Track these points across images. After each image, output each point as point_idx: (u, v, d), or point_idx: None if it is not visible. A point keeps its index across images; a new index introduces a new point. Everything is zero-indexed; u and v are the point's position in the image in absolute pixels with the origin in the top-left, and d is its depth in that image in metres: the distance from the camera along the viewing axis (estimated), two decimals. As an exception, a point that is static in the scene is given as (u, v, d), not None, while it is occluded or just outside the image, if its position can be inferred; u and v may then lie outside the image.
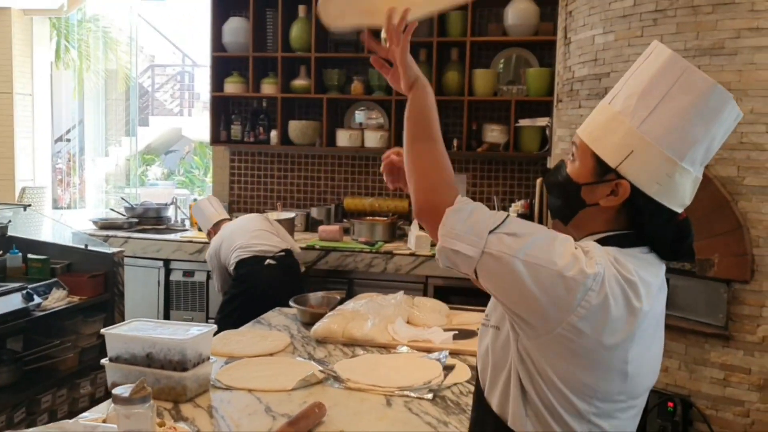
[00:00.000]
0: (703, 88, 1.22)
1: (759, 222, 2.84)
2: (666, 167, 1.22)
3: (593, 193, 1.28)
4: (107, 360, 1.87)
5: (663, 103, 1.22)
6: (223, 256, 3.76)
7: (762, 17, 2.80)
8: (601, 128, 1.27)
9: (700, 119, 1.22)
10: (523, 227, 1.20)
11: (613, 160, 1.24)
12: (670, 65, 1.24)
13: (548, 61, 4.71)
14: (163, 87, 12.01)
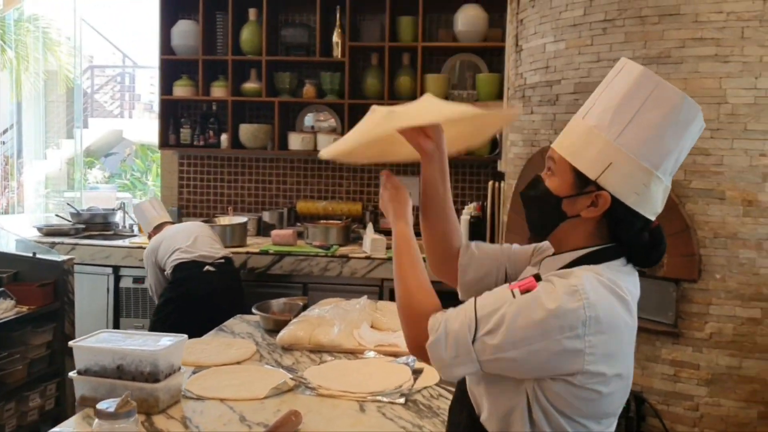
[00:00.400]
0: (675, 101, 1.28)
1: (705, 223, 2.97)
2: (643, 177, 1.27)
3: (574, 205, 1.31)
4: (75, 373, 1.83)
5: (637, 116, 1.27)
6: (160, 256, 3.75)
7: (705, 28, 2.92)
8: (578, 142, 1.31)
9: (672, 131, 1.28)
10: (493, 311, 1.23)
11: (593, 173, 1.28)
12: (642, 80, 1.29)
13: (497, 66, 4.81)
14: (103, 88, 11.72)
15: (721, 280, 2.95)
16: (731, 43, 2.87)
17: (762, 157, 2.87)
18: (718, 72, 2.90)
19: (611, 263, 1.30)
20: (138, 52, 11.67)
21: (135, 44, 11.38)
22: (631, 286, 1.29)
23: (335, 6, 4.80)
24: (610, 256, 1.31)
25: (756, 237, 2.90)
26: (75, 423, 1.75)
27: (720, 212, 2.94)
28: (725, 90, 2.89)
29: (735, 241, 2.93)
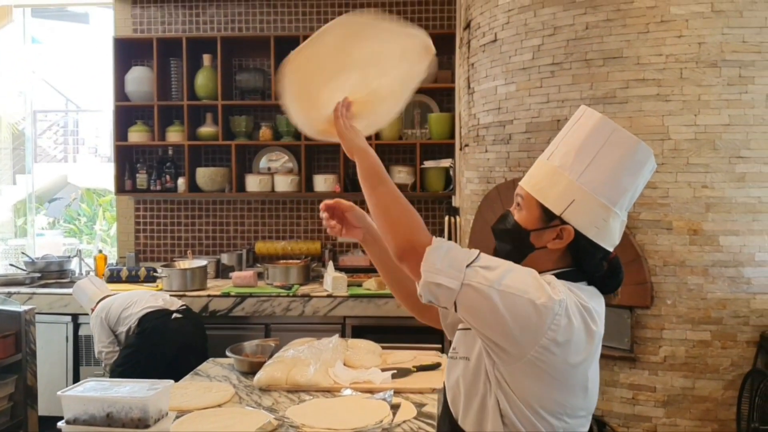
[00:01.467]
0: (631, 144, 1.44)
1: (655, 253, 3.14)
2: (602, 213, 1.43)
3: (541, 237, 1.46)
4: (64, 423, 1.84)
5: (597, 158, 1.43)
6: (112, 315, 3.64)
7: (647, 70, 3.14)
8: (544, 181, 1.47)
9: (628, 171, 1.44)
10: (495, 261, 1.38)
11: (558, 209, 1.44)
12: (600, 126, 1.46)
13: (447, 106, 4.99)
14: (46, 133, 11.52)
15: (672, 305, 3.12)
16: (671, 83, 3.09)
17: (704, 188, 3.07)
18: (661, 110, 3.11)
19: (575, 284, 1.44)
20: (80, 95, 11.55)
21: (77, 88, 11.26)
22: (596, 304, 1.44)
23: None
24: (573, 278, 1.45)
25: (702, 264, 3.09)
26: (65, 473, 1.76)
27: (668, 242, 3.13)
28: (667, 127, 3.10)
29: (683, 269, 3.11)
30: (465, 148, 4.10)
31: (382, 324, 4.25)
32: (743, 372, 3.07)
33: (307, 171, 4.99)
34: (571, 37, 3.30)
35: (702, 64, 3.07)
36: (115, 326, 3.65)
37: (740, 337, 3.08)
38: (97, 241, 8.84)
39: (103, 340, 3.67)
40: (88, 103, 11.19)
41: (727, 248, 3.07)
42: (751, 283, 3.07)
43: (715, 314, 3.08)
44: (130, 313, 3.63)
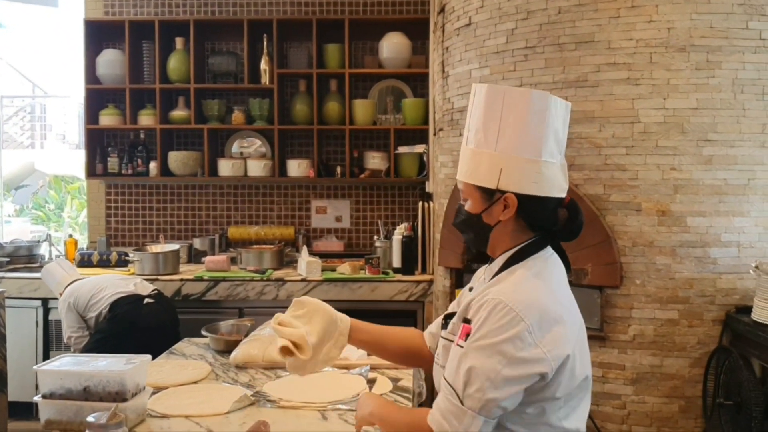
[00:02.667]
0: (523, 98, 1.50)
1: (624, 233, 3.21)
2: (533, 167, 1.48)
3: (491, 215, 1.53)
4: (40, 397, 1.83)
5: (501, 124, 1.49)
6: (82, 300, 3.59)
7: (617, 54, 3.19)
8: (470, 165, 1.54)
9: (534, 120, 1.49)
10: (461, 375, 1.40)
11: (491, 183, 1.50)
12: (491, 95, 1.52)
13: (421, 91, 5.01)
14: (12, 119, 11.31)
15: (641, 285, 3.19)
16: (641, 67, 3.15)
17: (672, 171, 3.14)
18: (631, 94, 3.16)
19: (538, 255, 1.51)
20: (48, 80, 11.37)
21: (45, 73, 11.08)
22: (557, 272, 1.52)
23: (262, 34, 4.90)
24: (536, 248, 1.53)
25: (670, 244, 3.16)
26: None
27: (637, 223, 3.19)
28: (637, 110, 3.16)
29: (652, 249, 3.18)
30: (439, 133, 4.13)
31: (356, 308, 4.25)
32: (709, 350, 3.15)
33: (281, 156, 4.99)
34: (544, 21, 3.34)
35: (671, 49, 3.13)
36: (84, 311, 3.60)
37: (706, 315, 3.16)
38: (66, 228, 8.73)
39: (72, 325, 3.62)
40: (56, 89, 11.03)
41: (695, 229, 3.15)
42: (717, 263, 3.15)
43: (683, 294, 3.15)
44: (101, 298, 3.58)
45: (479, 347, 1.38)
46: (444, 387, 1.43)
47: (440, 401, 1.42)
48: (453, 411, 1.39)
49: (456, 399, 1.39)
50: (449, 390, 1.40)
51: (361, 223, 5.15)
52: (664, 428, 3.19)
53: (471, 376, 1.37)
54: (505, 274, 1.51)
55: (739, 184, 3.15)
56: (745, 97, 3.13)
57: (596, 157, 3.25)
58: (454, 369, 1.41)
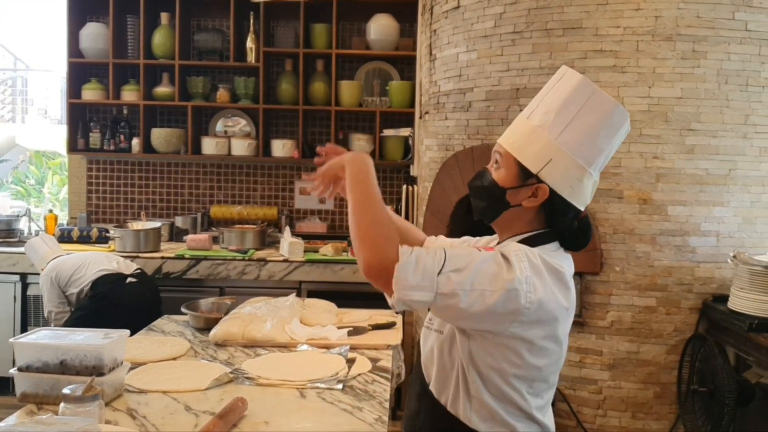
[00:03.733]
0: (609, 107, 1.47)
1: (605, 220, 3.23)
2: (577, 173, 1.45)
3: (516, 195, 1.48)
4: (16, 370, 1.82)
5: (576, 119, 1.45)
6: (64, 276, 3.57)
7: (604, 41, 3.19)
8: (523, 139, 1.48)
9: (605, 133, 1.47)
10: (461, 260, 1.36)
11: (535, 167, 1.45)
12: (581, 87, 1.47)
13: (408, 74, 4.99)
14: (-8, 92, 11.15)
15: (621, 272, 3.21)
16: (627, 55, 3.15)
17: (655, 159, 3.16)
18: (617, 81, 3.17)
19: (545, 246, 1.47)
20: (30, 54, 11.20)
21: (26, 46, 10.91)
22: (565, 263, 1.47)
23: (249, 12, 4.85)
24: (545, 240, 1.48)
25: (650, 232, 3.18)
26: (18, 419, 1.74)
27: (618, 210, 3.21)
28: (623, 98, 3.16)
29: (632, 237, 3.20)
30: (425, 116, 4.12)
31: (337, 289, 4.27)
32: (685, 337, 3.19)
33: (265, 135, 4.96)
34: (532, 6, 3.33)
35: (658, 38, 3.13)
36: (65, 287, 3.58)
37: (684, 303, 3.19)
38: (46, 204, 8.64)
39: (53, 299, 3.60)
40: (38, 62, 10.87)
41: (675, 218, 3.17)
42: (696, 252, 3.18)
43: (661, 281, 3.18)
44: (83, 275, 3.56)
45: (491, 257, 1.37)
46: (438, 251, 1.37)
47: (425, 253, 1.36)
48: (426, 268, 1.33)
49: (437, 266, 1.33)
50: (441, 257, 1.34)
51: (345, 204, 5.09)
52: (639, 413, 3.23)
53: (465, 269, 1.34)
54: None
55: (720, 174, 3.17)
56: (729, 87, 3.15)
57: (580, 144, 3.25)
58: (459, 253, 1.37)
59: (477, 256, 1.37)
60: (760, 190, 3.20)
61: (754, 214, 3.21)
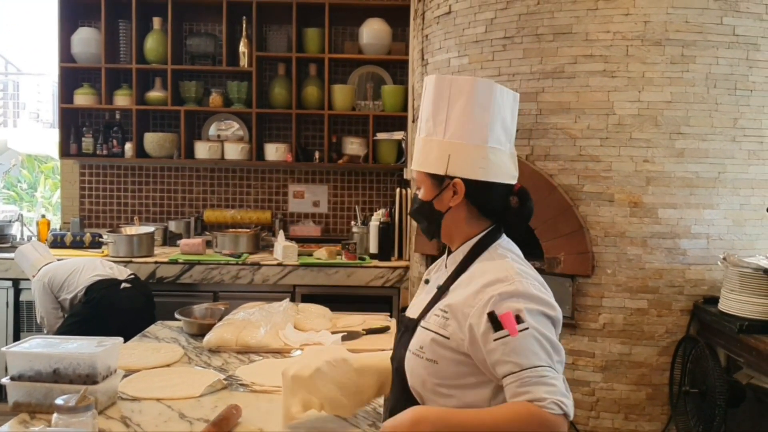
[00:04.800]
0: (469, 86, 1.56)
1: (597, 224, 3.25)
2: (479, 153, 1.55)
3: (441, 201, 1.59)
4: (8, 379, 1.82)
5: (449, 112, 1.56)
6: (57, 282, 3.56)
7: (594, 46, 3.22)
8: (422, 153, 1.61)
9: (479, 108, 1.55)
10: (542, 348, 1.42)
11: (440, 168, 1.56)
12: (438, 85, 1.59)
13: (401, 78, 5.01)
14: (-16, 96, 11.12)
15: (612, 275, 3.24)
16: (617, 60, 3.18)
17: (645, 162, 3.18)
18: (607, 86, 3.19)
19: (499, 242, 1.59)
20: (22, 57, 11.17)
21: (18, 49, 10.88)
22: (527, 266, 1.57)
23: (241, 16, 4.86)
24: (495, 236, 1.60)
25: (641, 235, 3.21)
26: (10, 428, 1.75)
27: (609, 213, 3.24)
28: (613, 102, 3.19)
29: (623, 240, 3.23)
30: (418, 120, 4.13)
31: (331, 293, 4.29)
32: (677, 339, 3.21)
33: (258, 139, 4.97)
34: (523, 12, 3.36)
35: (647, 42, 3.16)
36: (58, 292, 3.57)
37: (675, 305, 3.22)
38: (39, 208, 8.62)
39: (46, 306, 3.59)
40: (30, 66, 10.85)
41: (665, 221, 3.20)
42: (687, 255, 3.21)
43: (653, 284, 3.21)
44: (76, 280, 3.55)
45: (537, 319, 1.42)
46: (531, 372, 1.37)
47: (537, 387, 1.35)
48: (557, 385, 1.37)
49: (552, 372, 1.38)
50: (538, 372, 1.36)
51: (339, 208, 5.16)
52: (631, 415, 3.25)
53: (551, 345, 1.42)
54: (485, 264, 1.54)
55: (709, 177, 3.20)
56: (717, 91, 3.18)
57: (571, 148, 3.28)
58: (532, 349, 1.38)
59: (530, 335, 1.40)
60: (749, 192, 3.23)
61: (743, 217, 3.24)
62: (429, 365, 1.52)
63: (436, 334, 1.52)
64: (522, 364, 1.38)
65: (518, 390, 1.37)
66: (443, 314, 1.53)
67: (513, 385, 1.38)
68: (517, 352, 1.38)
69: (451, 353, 1.50)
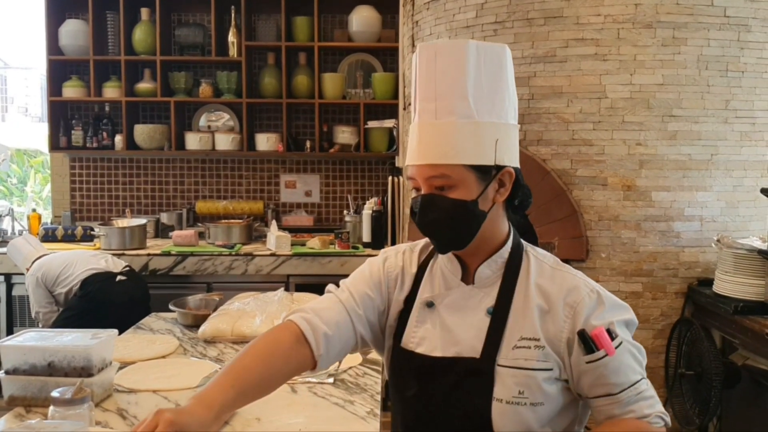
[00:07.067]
0: (501, 53, 1.29)
1: (590, 208, 3.25)
2: (515, 133, 1.33)
3: (486, 199, 1.28)
4: (3, 373, 1.81)
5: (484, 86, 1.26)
6: (51, 275, 3.54)
7: (585, 29, 3.20)
8: (452, 142, 1.24)
9: (511, 77, 1.32)
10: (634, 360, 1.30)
11: (490, 158, 1.26)
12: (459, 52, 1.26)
13: (391, 66, 4.98)
14: (-29, 90, 11.02)
15: (606, 258, 3.24)
16: (609, 43, 3.17)
17: (638, 146, 3.18)
18: (598, 69, 3.19)
19: (525, 243, 1.39)
20: (9, 51, 11.07)
21: (6, 43, 10.78)
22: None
23: (230, 6, 4.82)
24: (518, 238, 1.38)
25: (635, 219, 3.21)
26: (6, 423, 1.74)
27: (603, 197, 3.23)
28: (605, 86, 3.18)
29: (617, 223, 3.23)
30: (409, 107, 4.12)
31: (325, 282, 4.15)
32: (672, 321, 3.22)
33: (249, 130, 4.94)
34: (513, -4, 3.34)
35: (638, 25, 3.15)
36: (53, 287, 3.55)
37: (669, 288, 3.23)
38: (29, 203, 8.56)
39: (40, 300, 3.57)
40: (18, 60, 10.75)
41: (659, 204, 3.20)
42: (681, 237, 3.22)
43: (647, 267, 3.21)
44: (71, 274, 3.53)
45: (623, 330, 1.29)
46: (631, 390, 1.26)
47: (638, 404, 1.26)
48: (654, 395, 1.28)
49: (646, 382, 1.28)
50: (636, 389, 1.26)
51: (331, 197, 5.14)
52: (627, 398, 3.26)
53: (638, 351, 1.30)
54: (540, 272, 1.32)
55: (702, 159, 3.20)
56: (709, 73, 3.18)
57: (564, 132, 3.27)
58: (629, 364, 1.26)
59: (625, 350, 1.27)
60: (742, 174, 3.24)
61: (736, 198, 3.24)
62: (535, 410, 1.27)
63: (540, 371, 1.27)
64: (622, 384, 1.25)
65: (617, 411, 1.26)
66: (535, 343, 1.27)
67: (611, 406, 1.26)
68: (615, 372, 1.24)
69: (557, 385, 1.29)
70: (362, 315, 1.41)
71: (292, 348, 1.33)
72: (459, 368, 1.30)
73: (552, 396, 1.28)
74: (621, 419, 1.26)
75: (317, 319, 1.36)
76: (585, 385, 1.28)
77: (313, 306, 1.41)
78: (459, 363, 1.30)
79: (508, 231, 1.36)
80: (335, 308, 1.40)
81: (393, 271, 1.45)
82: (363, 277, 1.46)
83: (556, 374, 1.28)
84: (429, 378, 1.33)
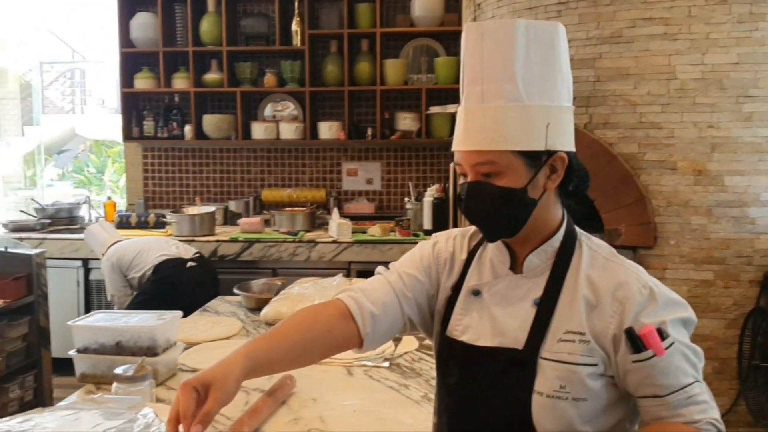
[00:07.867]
0: (552, 31, 1.23)
1: (659, 193, 3.15)
2: (569, 116, 1.25)
3: (536, 186, 1.23)
4: (75, 351, 1.89)
5: (534, 66, 1.21)
6: (126, 260, 3.66)
7: (654, 8, 3.09)
8: (501, 126, 1.20)
9: (565, 58, 1.26)
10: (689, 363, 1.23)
11: (540, 143, 1.20)
12: (517, 31, 1.20)
13: (455, 50, 4.93)
14: (53, 84, 11.50)
15: (675, 245, 3.14)
16: (679, 21, 3.05)
17: (710, 128, 3.06)
18: (667, 50, 3.07)
19: (579, 231, 1.32)
20: (87, 46, 11.48)
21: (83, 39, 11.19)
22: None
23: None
24: (572, 225, 1.32)
25: (706, 204, 3.09)
26: (78, 397, 1.81)
27: (672, 182, 3.13)
28: (674, 66, 3.07)
29: (687, 209, 3.12)
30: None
31: (385, 270, 4.28)
32: (745, 311, 3.10)
33: (312, 118, 4.98)
34: (578, -24, 3.26)
35: (711, 2, 3.02)
36: (127, 271, 3.68)
37: (743, 276, 3.10)
38: (107, 191, 8.91)
39: (116, 284, 3.71)
40: (95, 54, 11.13)
41: (732, 188, 3.07)
42: (756, 223, 3.08)
43: (719, 254, 3.10)
44: (144, 259, 3.65)
45: (679, 330, 1.22)
46: (680, 393, 1.19)
47: (688, 408, 1.19)
48: (708, 401, 1.21)
49: (699, 386, 1.20)
50: (686, 392, 1.19)
51: (392, 185, 5.15)
52: (697, 389, 3.16)
53: (694, 353, 1.23)
54: (591, 263, 1.26)
55: (780, 141, 3.06)
56: (788, 51, 3.02)
57: (631, 115, 3.18)
58: (680, 366, 1.19)
59: (677, 351, 1.20)
60: (823, 156, 3.08)
61: (816, 182, 3.09)
62: (577, 405, 1.22)
63: (584, 366, 1.22)
64: (671, 386, 1.19)
65: (665, 414, 1.20)
66: (580, 337, 1.22)
67: (659, 408, 1.20)
68: (664, 373, 1.18)
69: (602, 381, 1.24)
70: (411, 297, 1.39)
71: (336, 320, 1.34)
72: (501, 358, 1.27)
73: (596, 392, 1.23)
74: (667, 422, 1.20)
75: (364, 299, 1.36)
76: (631, 384, 1.22)
77: (361, 286, 1.41)
78: (501, 353, 1.27)
79: (561, 218, 1.30)
80: (383, 289, 1.39)
81: (442, 256, 1.43)
82: (413, 260, 1.45)
83: (600, 370, 1.23)
84: (471, 366, 1.31)
